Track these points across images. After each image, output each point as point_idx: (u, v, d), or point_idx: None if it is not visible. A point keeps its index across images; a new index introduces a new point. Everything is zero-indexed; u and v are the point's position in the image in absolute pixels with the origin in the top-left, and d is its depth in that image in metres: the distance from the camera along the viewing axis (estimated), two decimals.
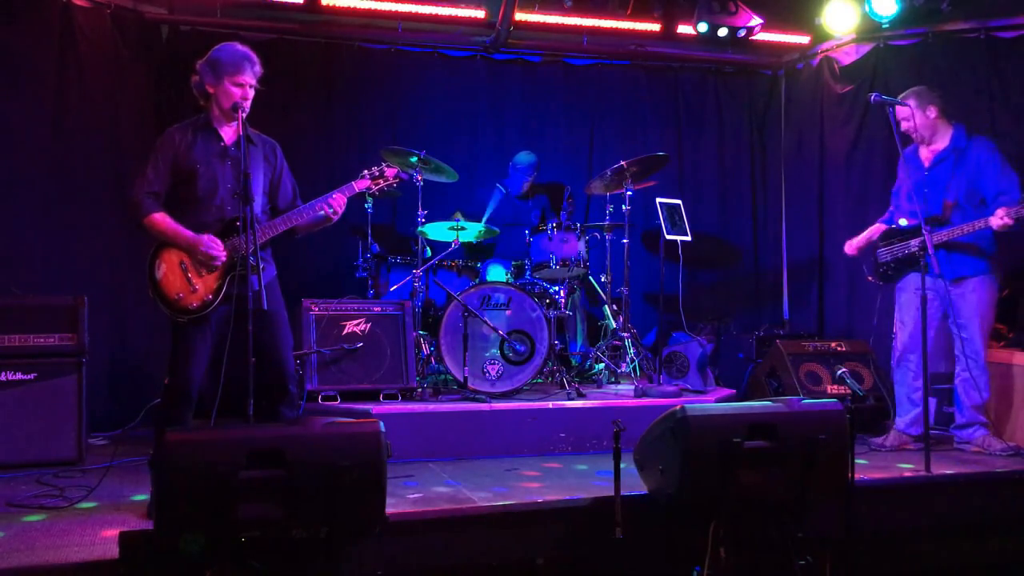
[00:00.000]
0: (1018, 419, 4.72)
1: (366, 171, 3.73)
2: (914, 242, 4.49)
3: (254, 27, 5.78)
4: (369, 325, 4.80)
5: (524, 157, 6.04)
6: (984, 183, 4.44)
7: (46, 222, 5.01)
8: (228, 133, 3.52)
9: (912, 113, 4.49)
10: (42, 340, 4.20)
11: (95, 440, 4.70)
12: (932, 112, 4.52)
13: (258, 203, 3.48)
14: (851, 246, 4.88)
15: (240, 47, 3.50)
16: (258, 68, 3.49)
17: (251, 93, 3.47)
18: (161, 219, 3.40)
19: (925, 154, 4.62)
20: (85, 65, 5.19)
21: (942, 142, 4.55)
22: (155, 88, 5.56)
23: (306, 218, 3.57)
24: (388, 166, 3.76)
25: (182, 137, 3.47)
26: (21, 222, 4.92)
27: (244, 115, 3.39)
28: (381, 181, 3.73)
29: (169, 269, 3.39)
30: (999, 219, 4.19)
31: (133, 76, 5.44)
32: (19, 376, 4.14)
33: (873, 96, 4.34)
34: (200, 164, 3.44)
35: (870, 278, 4.84)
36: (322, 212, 3.57)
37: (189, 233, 3.38)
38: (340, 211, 3.59)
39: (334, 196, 3.57)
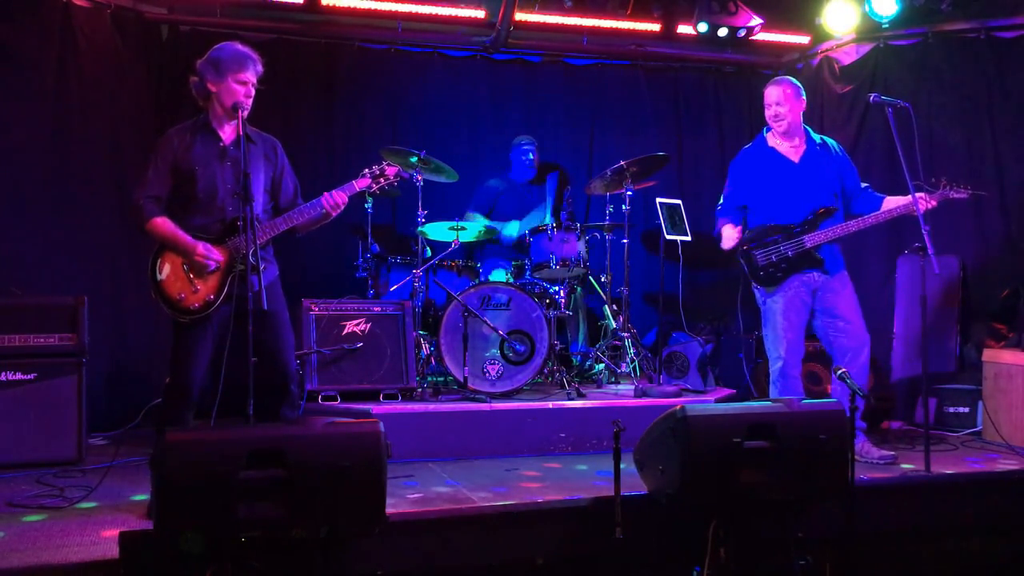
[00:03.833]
0: (1018, 419, 4.72)
1: (367, 170, 3.73)
2: (808, 237, 4.28)
3: (254, 27, 5.77)
4: (369, 325, 4.80)
5: (523, 136, 6.11)
6: (848, 177, 4.46)
7: (46, 222, 5.01)
8: (227, 133, 3.52)
9: (790, 98, 4.36)
10: (42, 340, 4.20)
11: (95, 440, 4.70)
12: (803, 105, 4.42)
13: (259, 202, 3.49)
14: (733, 241, 4.44)
15: (241, 46, 3.51)
16: (260, 67, 3.49)
17: (253, 92, 3.48)
18: (162, 223, 3.41)
19: (786, 148, 4.44)
20: (85, 65, 5.18)
21: (800, 136, 4.44)
22: (155, 88, 5.57)
23: (307, 217, 3.57)
24: (388, 165, 3.75)
25: (180, 139, 3.47)
26: (21, 222, 4.92)
27: (244, 114, 3.40)
28: (382, 180, 3.72)
29: (172, 270, 3.39)
30: (925, 202, 4.14)
31: (133, 76, 5.44)
32: (19, 376, 4.14)
33: (873, 96, 4.30)
34: (199, 165, 3.43)
35: (756, 286, 4.44)
36: (322, 210, 3.57)
37: (187, 238, 3.39)
38: (341, 207, 3.60)
39: (334, 195, 3.57)
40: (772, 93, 4.40)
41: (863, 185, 4.49)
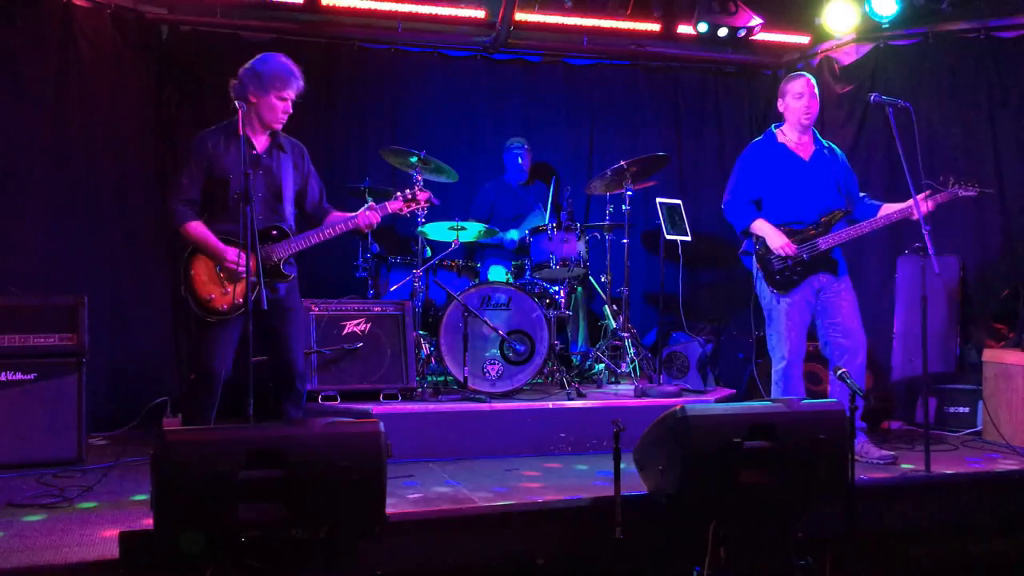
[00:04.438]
0: (1018, 419, 4.71)
1: (399, 193, 3.85)
2: (822, 240, 4.26)
3: (254, 27, 5.78)
4: (369, 325, 4.80)
5: (515, 138, 6.12)
6: (851, 184, 4.47)
7: (46, 222, 5.01)
8: (260, 141, 3.57)
9: (814, 91, 4.35)
10: (42, 340, 4.20)
11: (95, 440, 4.70)
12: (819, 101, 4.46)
13: (289, 211, 3.62)
14: (790, 247, 4.28)
15: (286, 60, 3.56)
16: (301, 83, 3.56)
17: (291, 108, 3.56)
18: (195, 227, 3.49)
19: (795, 144, 4.41)
20: (85, 65, 5.19)
21: (810, 135, 4.45)
22: (155, 88, 5.57)
23: (339, 231, 3.68)
24: (420, 190, 3.87)
25: (215, 143, 3.53)
26: (21, 222, 4.93)
27: (243, 112, 3.44)
28: (413, 204, 3.85)
29: (205, 271, 3.49)
30: (927, 203, 4.14)
31: (133, 76, 5.44)
32: (19, 376, 4.14)
33: (873, 96, 4.29)
34: (232, 173, 3.49)
35: (770, 289, 4.35)
36: (355, 226, 3.68)
37: (219, 244, 3.47)
38: (375, 226, 3.74)
39: (370, 215, 3.67)
40: (802, 84, 4.35)
41: (861, 194, 4.50)
